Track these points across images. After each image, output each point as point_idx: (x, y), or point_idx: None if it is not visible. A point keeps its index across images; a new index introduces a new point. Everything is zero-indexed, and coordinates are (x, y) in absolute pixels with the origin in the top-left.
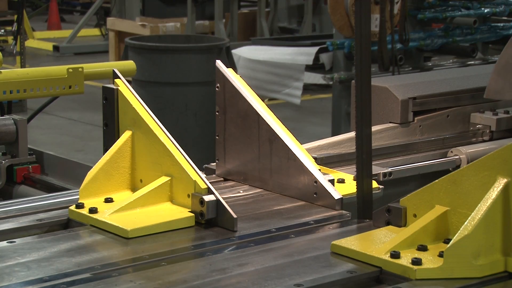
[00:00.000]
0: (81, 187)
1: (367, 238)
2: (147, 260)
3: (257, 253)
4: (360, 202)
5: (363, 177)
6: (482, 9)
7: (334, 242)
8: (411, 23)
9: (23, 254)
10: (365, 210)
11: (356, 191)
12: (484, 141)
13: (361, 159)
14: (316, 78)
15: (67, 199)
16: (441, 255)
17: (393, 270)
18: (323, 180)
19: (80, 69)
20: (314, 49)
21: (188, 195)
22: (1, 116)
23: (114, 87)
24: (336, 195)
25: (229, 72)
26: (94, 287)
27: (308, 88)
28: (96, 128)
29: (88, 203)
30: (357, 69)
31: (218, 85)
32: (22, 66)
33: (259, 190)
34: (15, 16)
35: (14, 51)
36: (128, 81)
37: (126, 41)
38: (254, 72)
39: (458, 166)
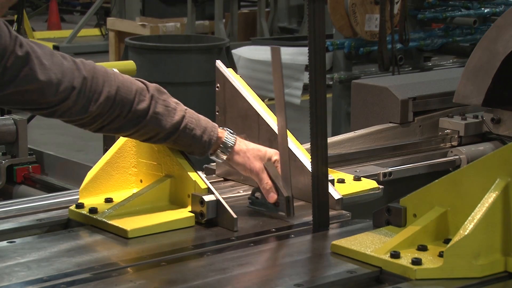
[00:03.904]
0: (81, 187)
1: (367, 238)
2: (147, 260)
3: (257, 253)
4: (316, 211)
5: (318, 188)
6: (482, 9)
7: (334, 242)
8: (411, 23)
9: (23, 254)
10: (321, 220)
11: (312, 201)
12: (452, 146)
13: (317, 169)
14: None
15: (67, 199)
16: (441, 255)
17: (393, 270)
18: None
19: None
20: None
21: (188, 195)
22: (1, 116)
23: None
24: (336, 195)
25: (229, 72)
26: (94, 287)
27: (308, 88)
28: None
29: (88, 203)
30: (311, 76)
31: (218, 85)
32: None
33: None
34: (15, 16)
35: None
36: None
37: (126, 41)
38: (254, 72)
39: (458, 166)
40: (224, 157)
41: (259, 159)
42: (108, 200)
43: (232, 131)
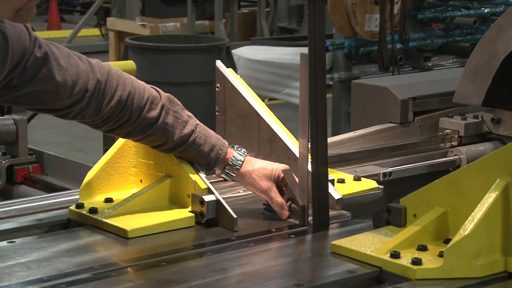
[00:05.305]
0: (81, 187)
1: (367, 238)
2: (147, 260)
3: (257, 253)
4: (316, 211)
5: (318, 188)
6: (482, 9)
7: (334, 242)
8: (411, 23)
9: (23, 254)
10: (321, 220)
11: (312, 201)
12: (452, 146)
13: (317, 169)
14: None
15: (67, 199)
16: (441, 255)
17: (393, 270)
18: None
19: None
20: None
21: (188, 195)
22: (1, 116)
23: None
24: (336, 195)
25: (229, 72)
26: (94, 287)
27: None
28: None
29: (88, 203)
30: (311, 76)
31: (218, 85)
32: None
33: None
34: None
35: None
36: None
37: (126, 41)
38: (254, 72)
39: (458, 166)
40: (232, 177)
41: (266, 178)
42: (108, 200)
43: (243, 151)
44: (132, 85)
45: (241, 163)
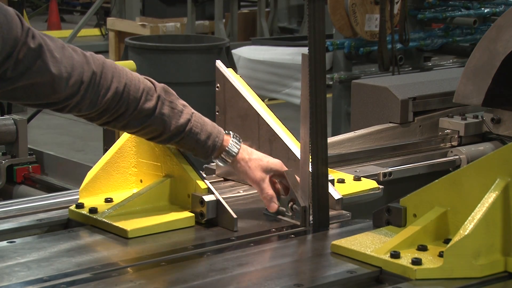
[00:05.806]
0: (81, 187)
1: (367, 238)
2: (147, 260)
3: (257, 253)
4: (316, 211)
5: (318, 188)
6: (482, 9)
7: (334, 242)
8: (411, 23)
9: (23, 254)
10: (321, 220)
11: (312, 201)
12: (452, 146)
13: (317, 169)
14: None
15: (67, 199)
16: (441, 255)
17: (393, 270)
18: None
19: None
20: None
21: (188, 195)
22: (1, 116)
23: None
24: (336, 195)
25: (229, 72)
26: (94, 287)
27: None
28: (96, 128)
29: (88, 203)
30: (311, 76)
31: (218, 85)
32: None
33: None
34: None
35: None
36: None
37: (126, 41)
38: (254, 72)
39: (458, 166)
40: (226, 163)
41: (261, 169)
42: (108, 200)
43: (238, 138)
44: (127, 77)
45: (237, 150)
